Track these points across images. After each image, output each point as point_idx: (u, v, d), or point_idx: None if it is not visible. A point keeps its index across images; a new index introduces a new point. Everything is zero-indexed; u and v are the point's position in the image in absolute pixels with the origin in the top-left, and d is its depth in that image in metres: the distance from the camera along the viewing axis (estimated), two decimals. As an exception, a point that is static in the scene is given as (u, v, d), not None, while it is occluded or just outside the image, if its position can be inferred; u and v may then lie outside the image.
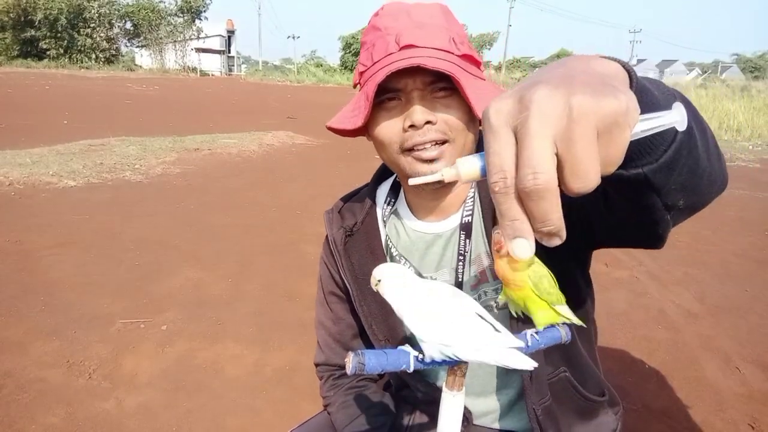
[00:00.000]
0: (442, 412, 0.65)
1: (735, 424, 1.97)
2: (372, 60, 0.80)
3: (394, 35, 0.78)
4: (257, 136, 8.67)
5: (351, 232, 0.94)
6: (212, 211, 4.54)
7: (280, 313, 2.76)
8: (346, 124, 0.82)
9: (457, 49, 0.79)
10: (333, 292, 1.00)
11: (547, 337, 0.66)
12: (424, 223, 0.91)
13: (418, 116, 0.76)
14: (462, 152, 0.81)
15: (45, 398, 1.97)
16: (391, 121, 0.80)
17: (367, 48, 0.82)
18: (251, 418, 1.94)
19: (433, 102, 0.78)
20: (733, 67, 68.20)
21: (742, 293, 3.17)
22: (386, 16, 0.82)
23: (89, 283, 2.98)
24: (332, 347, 1.00)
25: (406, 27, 0.78)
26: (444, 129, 0.78)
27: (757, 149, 10.20)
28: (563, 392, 0.89)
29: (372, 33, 0.83)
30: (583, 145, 0.33)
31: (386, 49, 0.78)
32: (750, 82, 25.63)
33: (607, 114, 0.33)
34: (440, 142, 0.78)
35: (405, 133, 0.79)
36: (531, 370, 0.70)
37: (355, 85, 0.86)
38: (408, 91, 0.78)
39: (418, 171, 0.80)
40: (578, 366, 0.91)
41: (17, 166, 5.51)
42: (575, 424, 0.91)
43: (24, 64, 32.97)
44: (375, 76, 0.77)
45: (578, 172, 0.33)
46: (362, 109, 0.79)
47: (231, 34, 48.08)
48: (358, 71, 0.84)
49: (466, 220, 0.86)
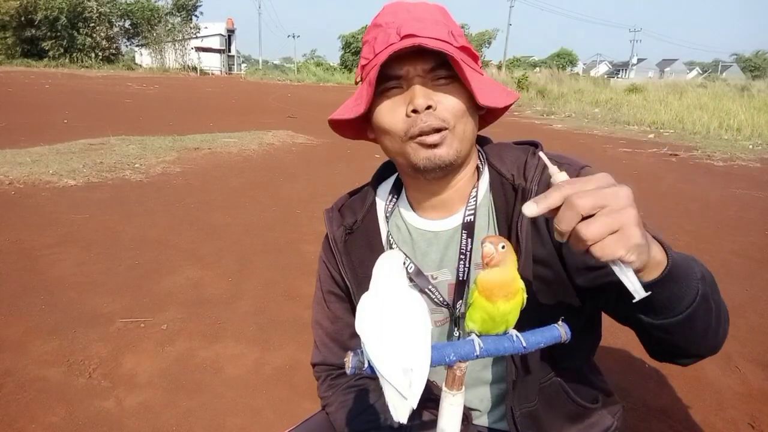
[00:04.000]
0: (441, 412, 0.65)
1: (735, 424, 1.97)
2: (374, 52, 0.81)
3: (394, 28, 0.79)
4: (257, 136, 8.66)
5: (351, 230, 0.94)
6: (212, 210, 4.54)
7: (280, 312, 2.76)
8: (348, 113, 0.83)
9: (455, 41, 0.80)
10: (332, 291, 0.99)
11: (546, 336, 0.66)
12: (426, 221, 0.91)
13: (419, 100, 0.77)
14: (463, 139, 0.82)
15: (45, 397, 1.97)
16: (394, 106, 0.81)
17: (369, 44, 0.83)
18: (251, 417, 1.94)
19: (434, 88, 0.79)
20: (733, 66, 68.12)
21: (743, 292, 3.17)
22: (386, 14, 0.83)
23: (89, 282, 2.98)
24: (329, 347, 1.00)
25: (406, 20, 0.80)
26: (444, 115, 0.78)
27: (757, 148, 10.20)
28: (555, 397, 0.89)
29: (373, 30, 0.84)
30: (608, 221, 0.53)
31: (387, 41, 0.79)
32: (750, 81, 25.59)
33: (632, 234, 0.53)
34: (440, 128, 0.79)
35: (408, 119, 0.79)
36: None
37: (357, 81, 0.86)
38: (409, 78, 0.79)
39: (422, 156, 0.80)
40: (572, 372, 0.91)
41: (17, 165, 5.51)
42: (565, 426, 0.90)
43: (24, 63, 32.97)
44: (377, 61, 0.78)
45: (592, 227, 0.53)
46: (364, 97, 0.80)
47: (231, 33, 48.08)
48: (360, 66, 0.85)
49: (468, 219, 0.86)
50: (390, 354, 0.57)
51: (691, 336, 0.69)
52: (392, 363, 0.57)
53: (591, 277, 0.80)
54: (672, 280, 0.62)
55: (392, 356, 0.57)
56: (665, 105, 16.15)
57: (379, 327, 0.59)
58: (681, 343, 0.70)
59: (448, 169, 0.82)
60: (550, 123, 14.01)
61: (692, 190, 6.25)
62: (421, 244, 0.91)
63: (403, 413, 0.56)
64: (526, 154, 0.88)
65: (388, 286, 0.62)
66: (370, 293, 0.63)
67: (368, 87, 0.78)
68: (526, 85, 22.68)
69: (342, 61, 45.08)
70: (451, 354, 0.63)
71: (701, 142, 10.84)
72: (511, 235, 0.83)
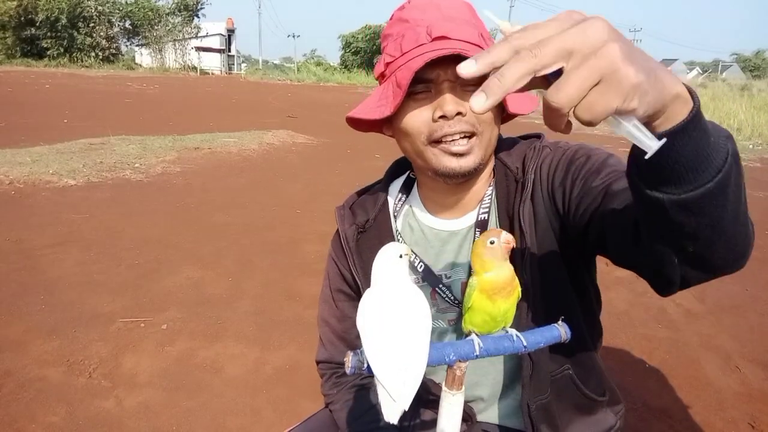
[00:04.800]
0: (441, 412, 0.65)
1: (735, 423, 1.97)
2: (401, 51, 0.79)
3: (424, 27, 0.78)
4: (257, 135, 8.66)
5: (363, 229, 0.94)
6: (212, 210, 4.54)
7: (280, 312, 2.76)
8: (373, 113, 0.82)
9: (485, 45, 0.79)
10: (341, 290, 0.99)
11: (546, 336, 0.66)
12: (440, 220, 0.91)
13: (449, 106, 0.76)
14: (488, 146, 0.81)
15: (45, 397, 1.97)
16: (421, 110, 0.79)
17: (395, 39, 0.81)
18: (251, 417, 1.94)
19: (464, 94, 0.78)
20: (733, 66, 68.08)
21: (743, 292, 3.17)
22: (414, 8, 0.81)
23: (89, 282, 2.98)
24: (336, 345, 0.99)
25: (437, 19, 0.78)
26: (473, 121, 0.78)
27: (757, 148, 10.20)
28: (565, 389, 0.89)
29: (399, 25, 0.82)
30: (582, 74, 0.38)
31: (417, 40, 0.77)
32: (750, 81, 25.60)
33: (622, 77, 0.38)
34: (469, 134, 0.78)
35: (434, 123, 0.78)
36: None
37: (378, 77, 0.85)
38: (439, 82, 0.78)
39: (445, 164, 0.80)
40: (583, 365, 0.91)
41: (17, 165, 5.51)
42: (574, 419, 0.91)
43: (24, 63, 32.96)
44: (409, 63, 0.76)
45: (563, 88, 0.38)
46: (391, 99, 0.78)
47: (231, 33, 48.05)
48: (384, 62, 0.83)
49: (482, 218, 0.86)
50: (386, 355, 0.57)
51: (721, 223, 0.50)
52: (387, 364, 0.57)
53: (581, 212, 0.75)
54: (699, 128, 0.45)
55: (388, 357, 0.57)
56: (665, 105, 16.12)
57: (376, 326, 0.59)
58: (707, 234, 0.51)
59: (471, 175, 0.82)
60: (550, 123, 13.99)
61: (692, 190, 6.24)
62: (435, 243, 0.91)
63: (394, 414, 0.56)
64: (528, 146, 0.88)
65: (388, 282, 0.62)
66: (370, 290, 0.63)
67: (398, 89, 0.77)
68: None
69: (342, 61, 45.04)
70: (451, 354, 0.63)
71: (701, 142, 10.82)
72: (513, 226, 0.83)
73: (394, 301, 0.60)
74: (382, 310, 0.60)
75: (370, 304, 0.61)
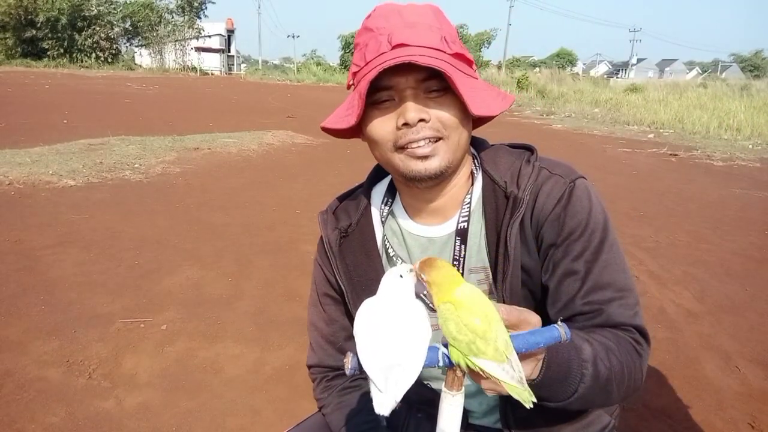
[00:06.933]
0: (441, 412, 0.65)
1: (735, 423, 1.97)
2: (365, 60, 0.80)
3: (386, 35, 0.78)
4: (257, 136, 8.66)
5: (346, 233, 0.94)
6: (212, 211, 4.54)
7: (279, 312, 2.76)
8: (340, 123, 0.82)
9: (449, 48, 0.78)
10: (327, 294, 0.99)
11: (546, 336, 0.66)
12: (420, 226, 0.91)
13: (411, 114, 0.77)
14: (456, 149, 0.81)
15: (45, 397, 1.97)
16: (385, 118, 0.80)
17: (360, 49, 0.82)
18: (251, 417, 1.94)
19: (426, 100, 0.78)
20: (733, 66, 68.11)
21: (742, 292, 3.17)
22: (378, 17, 0.82)
23: (89, 283, 2.98)
24: (325, 349, 1.00)
25: (398, 26, 0.78)
26: (437, 126, 0.78)
27: (757, 148, 10.21)
28: None
29: (365, 34, 0.82)
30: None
31: (378, 49, 0.78)
32: (750, 81, 25.59)
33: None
34: (434, 139, 0.79)
35: (398, 131, 0.79)
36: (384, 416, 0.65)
37: (349, 86, 0.86)
38: (401, 90, 0.78)
39: (411, 168, 0.80)
40: None
41: (17, 166, 5.51)
42: (562, 428, 0.90)
43: (24, 64, 32.95)
44: (368, 74, 0.77)
45: None
46: (355, 108, 0.79)
47: (231, 33, 48.08)
48: (352, 72, 0.84)
49: (461, 226, 0.86)
50: (375, 348, 0.60)
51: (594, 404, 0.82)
52: (375, 357, 0.59)
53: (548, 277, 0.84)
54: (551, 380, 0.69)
55: (377, 351, 0.59)
56: (665, 105, 16.16)
57: (372, 324, 0.61)
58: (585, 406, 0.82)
59: (440, 178, 0.82)
60: (550, 123, 14.00)
61: (692, 190, 6.25)
62: (415, 249, 0.91)
63: (384, 406, 0.58)
64: (520, 160, 0.87)
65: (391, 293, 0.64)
66: (369, 298, 0.65)
67: (359, 99, 0.78)
68: (526, 85, 22.68)
69: (342, 61, 45.08)
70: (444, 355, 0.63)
71: (701, 142, 10.84)
72: (500, 243, 0.83)
73: (393, 306, 0.63)
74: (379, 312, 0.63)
75: (368, 307, 0.64)
